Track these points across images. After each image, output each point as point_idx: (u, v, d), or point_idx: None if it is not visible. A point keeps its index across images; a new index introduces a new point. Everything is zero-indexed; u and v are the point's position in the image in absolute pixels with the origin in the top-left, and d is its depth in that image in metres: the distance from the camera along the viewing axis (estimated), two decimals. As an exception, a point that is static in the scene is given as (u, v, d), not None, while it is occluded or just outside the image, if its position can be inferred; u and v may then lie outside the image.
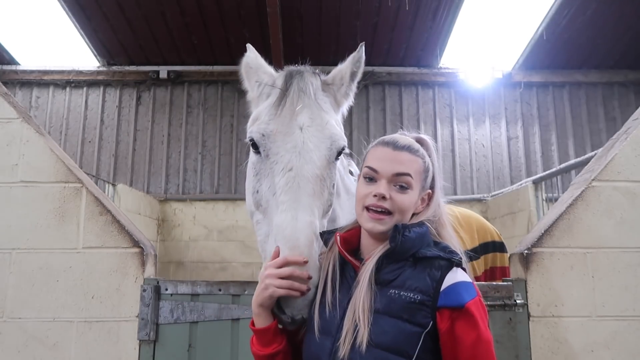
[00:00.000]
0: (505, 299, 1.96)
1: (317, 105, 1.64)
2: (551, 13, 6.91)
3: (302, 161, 1.51)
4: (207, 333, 2.04)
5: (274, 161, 1.55)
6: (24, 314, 2.04)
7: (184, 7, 6.91)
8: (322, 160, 1.55)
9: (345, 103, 1.86)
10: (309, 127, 1.57)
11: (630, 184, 2.05)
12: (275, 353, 1.35)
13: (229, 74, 8.32)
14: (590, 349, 1.92)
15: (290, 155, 1.52)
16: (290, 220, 1.40)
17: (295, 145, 1.53)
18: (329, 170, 1.58)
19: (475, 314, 1.21)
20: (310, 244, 1.36)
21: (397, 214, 1.30)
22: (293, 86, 1.64)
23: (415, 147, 1.36)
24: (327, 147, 1.58)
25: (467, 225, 2.50)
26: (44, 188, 2.14)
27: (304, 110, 1.60)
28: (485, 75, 8.22)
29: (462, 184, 8.24)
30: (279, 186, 1.49)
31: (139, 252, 2.09)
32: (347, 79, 1.81)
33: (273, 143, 1.56)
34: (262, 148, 1.59)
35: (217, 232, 7.61)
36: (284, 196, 1.46)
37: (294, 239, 1.36)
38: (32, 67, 8.32)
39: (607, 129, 8.35)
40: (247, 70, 1.90)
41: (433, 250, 1.29)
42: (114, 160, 8.24)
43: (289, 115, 1.59)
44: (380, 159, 1.33)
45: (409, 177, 1.31)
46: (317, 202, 1.48)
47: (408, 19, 7.19)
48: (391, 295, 1.23)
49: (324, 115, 1.63)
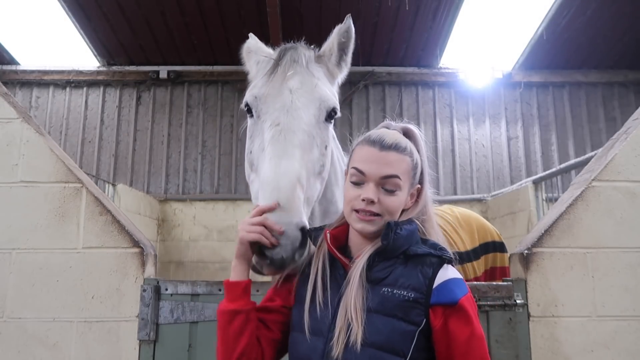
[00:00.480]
0: (505, 299, 1.96)
1: (308, 72, 1.71)
2: (551, 13, 6.91)
3: (290, 118, 1.58)
4: (207, 333, 2.03)
5: (264, 120, 1.62)
6: (24, 314, 2.03)
7: (184, 7, 6.91)
8: (310, 118, 1.61)
9: (340, 74, 1.92)
10: (298, 90, 1.64)
11: (630, 184, 2.05)
12: (239, 310, 1.30)
13: (229, 74, 8.32)
14: (590, 349, 1.92)
15: (278, 113, 1.59)
16: (273, 167, 1.45)
17: (284, 105, 1.60)
18: (318, 129, 1.62)
19: (469, 310, 1.21)
20: (291, 188, 1.38)
21: (387, 215, 1.28)
22: (286, 57, 1.73)
23: (402, 145, 1.31)
24: (316, 107, 1.64)
25: (467, 226, 2.50)
26: (44, 188, 2.14)
27: (295, 76, 1.67)
28: (485, 75, 8.22)
29: (462, 184, 8.24)
30: (266, 141, 1.55)
31: (139, 252, 2.09)
32: (335, 48, 1.87)
33: (264, 104, 1.65)
34: (254, 110, 1.68)
35: (217, 232, 7.61)
36: (270, 147, 1.52)
37: (274, 182, 1.39)
38: (32, 67, 8.32)
39: (607, 129, 8.35)
40: (248, 53, 2.01)
41: (423, 248, 1.29)
42: (114, 160, 8.24)
43: (280, 80, 1.66)
44: (366, 160, 1.29)
45: (397, 179, 1.27)
46: (304, 155, 1.52)
47: (408, 19, 7.19)
48: (384, 294, 1.22)
49: (314, 80, 1.70)
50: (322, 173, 1.63)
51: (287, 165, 1.45)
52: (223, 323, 1.31)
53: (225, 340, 1.29)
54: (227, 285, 1.35)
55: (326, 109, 1.66)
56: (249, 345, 1.29)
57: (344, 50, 1.89)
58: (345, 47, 1.89)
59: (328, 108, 1.66)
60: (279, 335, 1.37)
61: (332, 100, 1.70)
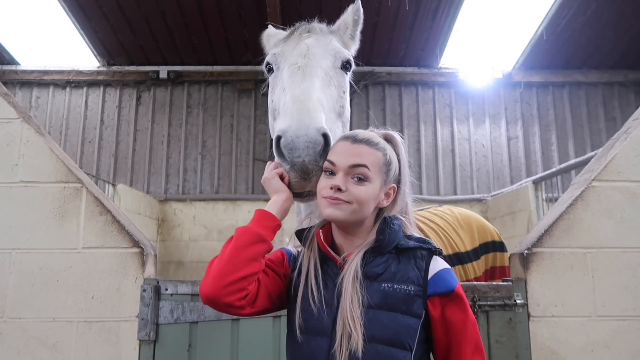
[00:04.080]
0: (505, 299, 1.96)
1: (323, 34, 1.85)
2: (551, 13, 6.91)
3: (307, 59, 1.68)
4: (207, 333, 2.04)
5: (283, 67, 1.73)
6: (24, 314, 2.04)
7: (184, 7, 6.91)
8: (327, 62, 1.72)
9: (353, 46, 2.07)
10: (314, 43, 1.76)
11: (630, 184, 2.05)
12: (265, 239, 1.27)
13: (229, 74, 8.32)
14: (590, 349, 1.92)
15: (296, 58, 1.70)
16: (293, 90, 1.54)
17: (301, 52, 1.71)
18: (334, 73, 1.73)
19: (463, 296, 1.27)
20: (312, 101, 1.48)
21: (355, 204, 1.27)
22: (301, 27, 1.86)
23: (374, 141, 1.34)
24: (332, 55, 1.76)
25: (467, 226, 2.50)
26: (44, 188, 2.14)
27: (311, 36, 1.79)
28: (485, 75, 8.21)
29: (462, 184, 8.24)
30: (286, 81, 1.64)
31: (139, 252, 2.09)
32: (351, 23, 2.05)
33: (282, 56, 1.77)
34: (274, 64, 1.80)
35: (217, 232, 7.61)
36: (289, 82, 1.62)
37: (295, 97, 1.49)
38: (32, 67, 8.32)
39: (607, 129, 8.35)
40: (267, 38, 2.19)
41: (412, 242, 1.32)
42: (114, 160, 8.24)
43: (297, 39, 1.79)
44: (338, 152, 1.33)
45: (364, 169, 1.29)
46: (323, 87, 1.62)
47: (408, 19, 7.19)
48: (385, 289, 1.23)
49: (329, 39, 1.83)
50: (342, 115, 1.74)
51: (307, 86, 1.55)
52: (241, 242, 1.23)
53: (235, 257, 1.21)
54: (260, 213, 1.32)
55: (341, 58, 1.77)
56: (253, 276, 1.23)
57: (356, 26, 2.07)
58: (357, 24, 2.07)
59: (343, 58, 1.78)
60: (275, 289, 1.34)
61: (346, 52, 1.82)
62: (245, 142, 8.30)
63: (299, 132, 1.37)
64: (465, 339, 1.23)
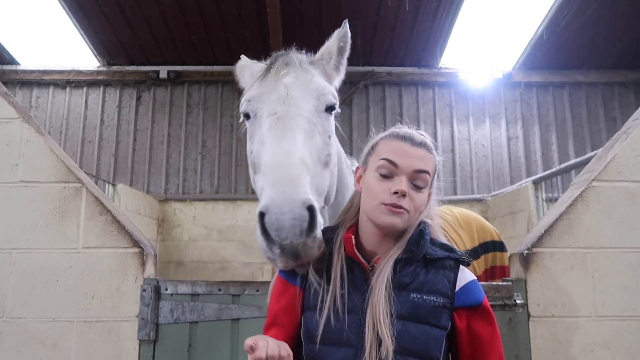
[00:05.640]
0: (505, 299, 1.96)
1: (302, 69, 1.67)
2: (551, 13, 6.91)
3: (286, 106, 1.51)
4: (207, 333, 2.04)
5: (261, 115, 1.56)
6: (24, 314, 2.04)
7: (184, 7, 6.90)
8: (309, 106, 1.54)
9: (337, 77, 1.88)
10: (293, 84, 1.59)
11: (630, 184, 2.05)
12: None
13: (229, 74, 8.30)
14: (590, 349, 1.92)
15: (274, 105, 1.53)
16: (274, 151, 1.39)
17: (280, 97, 1.54)
18: (318, 118, 1.55)
19: (489, 309, 1.25)
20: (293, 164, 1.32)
21: (413, 212, 1.25)
22: (278, 61, 1.69)
23: (430, 145, 1.32)
24: (314, 97, 1.58)
25: (467, 225, 2.50)
26: (44, 188, 2.14)
27: (289, 74, 1.62)
28: (485, 75, 8.21)
29: (462, 184, 8.24)
30: (264, 134, 1.49)
31: (139, 252, 2.09)
32: (335, 52, 1.84)
33: (259, 102, 1.59)
34: (251, 110, 1.62)
35: (217, 232, 7.61)
36: (268, 136, 1.46)
37: (276, 163, 1.34)
38: (32, 67, 8.31)
39: (607, 129, 8.35)
40: (241, 69, 2.02)
41: (439, 251, 1.29)
42: (114, 160, 8.23)
43: (274, 80, 1.61)
44: (399, 153, 1.26)
45: (427, 175, 1.26)
46: (306, 140, 1.45)
47: (408, 19, 7.18)
48: (414, 300, 1.20)
49: (310, 76, 1.65)
50: (329, 164, 1.54)
51: (289, 146, 1.39)
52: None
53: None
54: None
55: (325, 102, 1.59)
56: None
57: (342, 55, 1.86)
58: (343, 52, 1.86)
59: (327, 101, 1.59)
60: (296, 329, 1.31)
61: (329, 92, 1.63)
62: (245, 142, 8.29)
63: (284, 209, 1.22)
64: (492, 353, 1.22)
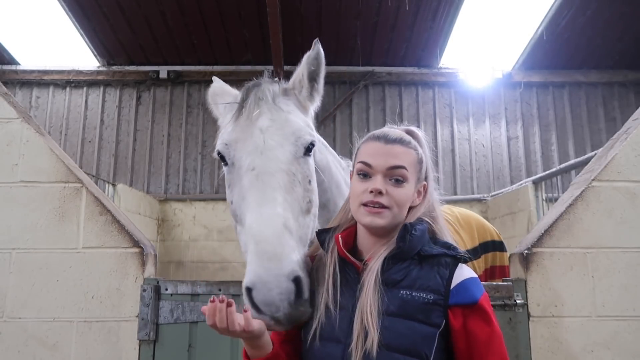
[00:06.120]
0: (505, 299, 1.96)
1: (276, 107, 1.61)
2: (551, 13, 6.91)
3: (265, 159, 1.48)
4: (207, 333, 2.04)
5: (239, 166, 1.53)
6: (24, 314, 2.04)
7: (184, 7, 6.91)
8: (287, 155, 1.51)
9: (312, 105, 1.80)
10: (269, 128, 1.54)
11: (630, 184, 2.05)
12: None
13: (229, 74, 8.31)
14: (590, 349, 1.92)
15: (252, 157, 1.49)
16: (256, 217, 1.37)
17: (257, 147, 1.50)
18: (297, 165, 1.53)
19: (488, 309, 1.21)
20: (277, 236, 1.31)
21: (395, 207, 1.27)
22: (250, 96, 1.62)
23: (406, 139, 1.33)
24: (292, 142, 1.54)
25: (467, 225, 2.50)
26: (44, 188, 2.14)
27: (263, 114, 1.57)
28: (485, 75, 8.22)
29: (462, 184, 8.24)
30: (244, 189, 1.47)
31: (139, 252, 2.09)
32: (306, 80, 1.74)
33: (235, 150, 1.55)
34: (227, 157, 1.57)
35: (217, 232, 7.61)
36: (249, 196, 1.44)
37: (259, 233, 1.32)
38: (32, 67, 8.32)
39: (607, 129, 8.35)
40: (214, 98, 1.92)
41: (437, 248, 1.28)
42: (114, 160, 8.24)
43: (249, 121, 1.56)
44: (373, 154, 1.30)
45: (404, 170, 1.28)
46: (286, 196, 1.43)
47: (408, 19, 7.18)
48: (403, 297, 1.20)
49: (284, 115, 1.59)
50: (311, 209, 1.54)
51: (270, 212, 1.37)
52: None
53: None
54: None
55: (303, 145, 1.55)
56: None
57: (315, 79, 1.76)
58: (316, 75, 1.75)
59: (304, 144, 1.55)
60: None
61: (306, 133, 1.59)
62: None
63: (270, 285, 1.24)
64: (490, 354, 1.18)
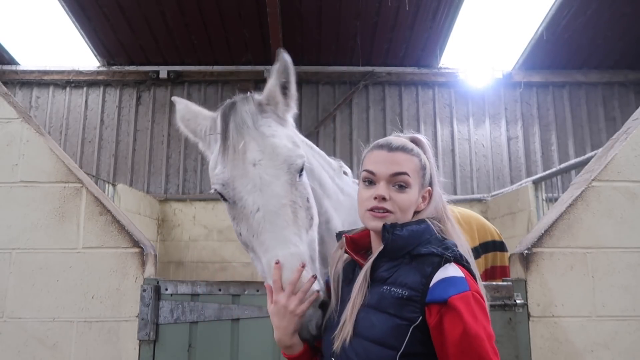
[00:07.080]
0: (505, 299, 1.96)
1: (259, 133, 1.62)
2: (551, 13, 6.92)
3: (266, 197, 1.53)
4: (207, 333, 2.04)
5: (242, 206, 1.56)
6: (24, 314, 2.04)
7: (184, 7, 6.91)
8: (285, 186, 1.56)
9: (289, 114, 1.81)
10: (260, 161, 1.57)
11: (630, 184, 2.05)
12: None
13: (229, 74, 8.32)
14: (590, 349, 1.92)
15: (253, 197, 1.54)
16: (270, 260, 1.47)
17: (255, 184, 1.54)
18: (295, 191, 1.59)
19: (460, 308, 1.18)
20: (297, 274, 1.42)
21: (399, 212, 1.34)
22: (230, 125, 1.62)
23: (409, 147, 1.40)
24: (285, 171, 1.58)
25: (467, 225, 2.50)
26: (44, 188, 2.14)
27: (250, 145, 1.59)
28: (485, 75, 8.22)
29: (462, 184, 8.24)
30: (254, 229, 1.54)
31: (139, 252, 2.09)
32: (279, 95, 1.75)
33: (234, 190, 1.57)
34: (228, 197, 1.60)
35: (217, 232, 7.60)
36: (261, 237, 1.52)
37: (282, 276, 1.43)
38: (32, 67, 8.32)
39: (607, 129, 8.35)
40: (186, 124, 1.88)
41: (429, 248, 1.30)
42: (114, 160, 8.24)
43: (238, 156, 1.58)
44: (376, 162, 1.38)
45: (406, 176, 1.35)
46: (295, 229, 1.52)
47: (408, 19, 7.18)
48: (382, 292, 1.29)
49: (270, 141, 1.62)
50: (313, 223, 1.64)
51: (284, 253, 1.46)
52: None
53: None
54: None
55: (296, 169, 1.60)
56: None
57: (287, 88, 1.77)
58: (288, 84, 1.77)
59: (297, 167, 1.60)
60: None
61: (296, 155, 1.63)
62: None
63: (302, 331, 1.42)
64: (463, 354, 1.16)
